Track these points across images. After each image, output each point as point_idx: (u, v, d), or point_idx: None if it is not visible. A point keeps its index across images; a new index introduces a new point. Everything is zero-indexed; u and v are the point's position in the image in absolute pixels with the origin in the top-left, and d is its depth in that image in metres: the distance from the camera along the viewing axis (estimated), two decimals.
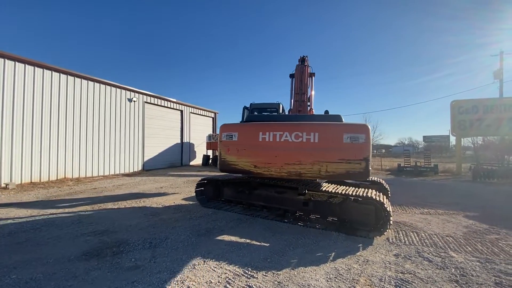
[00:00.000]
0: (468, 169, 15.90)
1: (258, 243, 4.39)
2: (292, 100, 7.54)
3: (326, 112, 6.77)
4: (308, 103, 7.22)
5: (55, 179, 11.43)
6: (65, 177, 11.81)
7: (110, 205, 7.00)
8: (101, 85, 13.86)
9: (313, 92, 8.18)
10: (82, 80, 12.87)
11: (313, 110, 7.48)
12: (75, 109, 12.46)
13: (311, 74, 7.75)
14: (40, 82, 11.11)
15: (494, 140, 19.67)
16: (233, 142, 5.42)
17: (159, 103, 18.09)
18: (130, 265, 3.52)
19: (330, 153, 4.68)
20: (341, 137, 4.63)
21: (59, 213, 6.13)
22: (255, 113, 9.02)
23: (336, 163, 4.65)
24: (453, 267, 3.57)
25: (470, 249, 4.26)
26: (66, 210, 6.48)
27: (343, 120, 5.28)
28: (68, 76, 12.22)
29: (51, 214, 6.08)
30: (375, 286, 3.08)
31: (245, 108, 8.95)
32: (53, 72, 11.57)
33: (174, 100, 19.32)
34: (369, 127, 4.79)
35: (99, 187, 9.98)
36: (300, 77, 7.44)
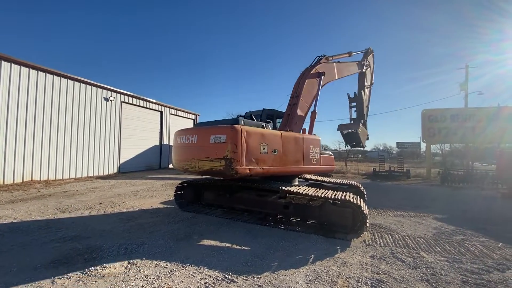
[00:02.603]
0: (437, 174, 16.91)
1: (239, 247, 4.36)
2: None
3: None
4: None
5: (21, 181, 10.64)
6: (32, 180, 11.03)
7: (82, 209, 6.63)
8: (75, 82, 13.19)
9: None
10: (54, 76, 12.18)
11: (316, 112, 7.23)
12: (45, 107, 11.73)
13: (320, 74, 7.42)
14: (7, 76, 10.36)
15: (459, 147, 21.14)
16: (174, 144, 6.36)
17: (138, 103, 17.52)
18: (103, 272, 3.35)
19: (201, 152, 5.27)
20: (208, 138, 5.17)
21: (24, 218, 5.71)
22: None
23: (204, 160, 5.17)
24: (424, 267, 3.76)
25: (439, 249, 4.52)
26: (33, 214, 6.04)
27: (241, 122, 5.42)
28: (39, 71, 11.51)
29: (15, 219, 5.64)
30: (353, 287, 3.16)
31: (238, 116, 8.96)
32: (22, 67, 10.84)
33: (154, 100, 18.81)
34: (237, 128, 4.88)
35: (70, 190, 9.43)
36: (299, 80, 7.34)
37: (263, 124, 6.05)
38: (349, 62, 8.86)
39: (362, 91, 9.16)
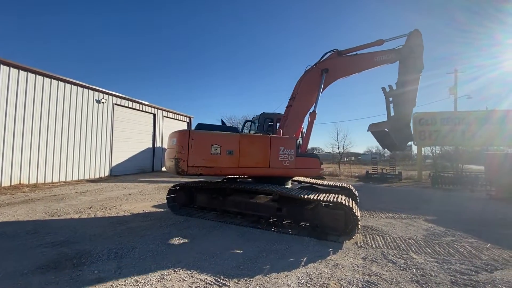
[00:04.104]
0: (428, 176, 17.17)
1: (231, 250, 4.34)
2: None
3: (222, 122, 7.57)
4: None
5: (8, 185, 10.38)
6: (20, 183, 10.78)
7: (71, 213, 6.50)
8: (66, 84, 12.99)
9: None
10: (45, 78, 11.98)
11: (316, 113, 6.69)
12: (34, 109, 11.50)
13: (322, 71, 6.79)
14: None
15: (450, 150, 21.54)
16: None
17: (130, 106, 17.34)
18: (92, 277, 3.28)
19: (169, 152, 5.98)
20: (171, 141, 5.94)
21: (11, 223, 5.57)
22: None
23: (169, 159, 5.92)
24: (414, 268, 3.81)
25: (429, 250, 4.58)
26: (20, 219, 5.90)
27: (201, 127, 6.16)
28: (29, 73, 11.30)
29: (1, 223, 5.49)
30: None
31: (246, 121, 9.01)
32: (11, 68, 10.63)
33: (147, 103, 18.67)
34: (184, 132, 5.67)
35: (60, 194, 9.24)
36: (299, 80, 6.97)
37: (231, 127, 6.62)
38: (378, 51, 7.47)
39: (402, 83, 7.38)
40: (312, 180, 8.17)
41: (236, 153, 5.79)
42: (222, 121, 7.51)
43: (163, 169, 20.46)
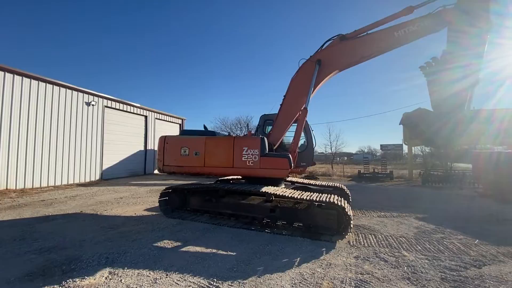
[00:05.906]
0: (418, 175, 17.46)
1: (225, 253, 4.32)
2: None
3: (204, 127, 7.79)
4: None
5: None
6: (7, 188, 10.47)
7: (60, 219, 6.36)
8: (54, 86, 12.71)
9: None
10: (32, 80, 11.69)
11: (307, 110, 6.18)
12: (21, 112, 11.20)
13: (315, 64, 6.08)
14: None
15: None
16: None
17: (121, 108, 17.09)
18: (82, 283, 3.21)
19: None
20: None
21: None
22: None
23: (158, 160, 6.81)
24: (405, 266, 3.87)
25: (420, 248, 4.66)
26: (7, 225, 5.73)
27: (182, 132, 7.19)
28: (15, 75, 11.01)
29: None
30: None
31: (258, 126, 8.97)
32: None
33: (138, 105, 18.44)
34: (161, 137, 6.83)
35: (49, 199, 9.02)
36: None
37: (210, 131, 7.25)
38: (400, 23, 5.76)
39: (454, 52, 5.45)
40: (305, 181, 8.23)
41: (202, 154, 6.41)
42: (204, 126, 7.63)
43: (155, 171, 20.22)
